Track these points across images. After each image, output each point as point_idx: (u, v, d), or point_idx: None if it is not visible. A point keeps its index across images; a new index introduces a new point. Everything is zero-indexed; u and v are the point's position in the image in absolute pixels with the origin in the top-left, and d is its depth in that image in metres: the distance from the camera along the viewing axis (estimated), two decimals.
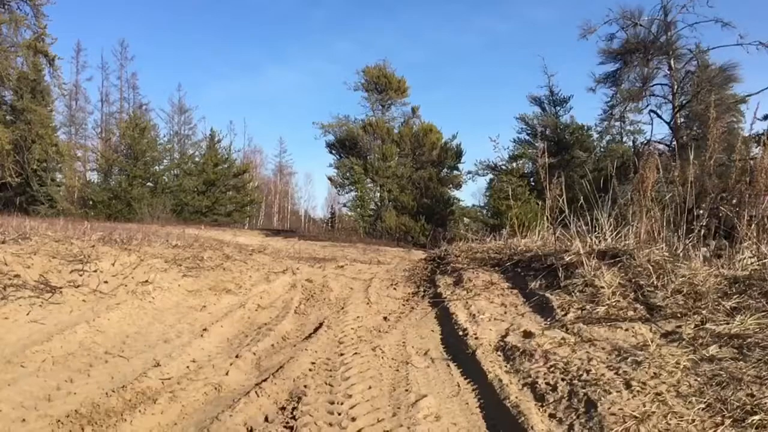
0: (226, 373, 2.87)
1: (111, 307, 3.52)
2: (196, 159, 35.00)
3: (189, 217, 29.34)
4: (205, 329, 3.53)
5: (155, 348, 3.13)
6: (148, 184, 31.49)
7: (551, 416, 2.20)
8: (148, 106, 40.59)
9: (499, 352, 3.04)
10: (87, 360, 2.81)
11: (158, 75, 70.38)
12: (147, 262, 4.47)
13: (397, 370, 2.96)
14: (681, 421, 1.95)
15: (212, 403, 2.55)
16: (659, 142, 20.99)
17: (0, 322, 2.90)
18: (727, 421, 1.90)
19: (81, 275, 3.77)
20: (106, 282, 3.85)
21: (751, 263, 3.77)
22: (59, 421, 2.18)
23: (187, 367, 2.93)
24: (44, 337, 2.88)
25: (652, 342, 2.74)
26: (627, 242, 4.42)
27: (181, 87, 61.13)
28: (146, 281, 4.10)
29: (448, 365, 3.04)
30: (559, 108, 28.52)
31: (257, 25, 76.07)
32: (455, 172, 32.71)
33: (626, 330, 3.00)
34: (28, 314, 3.07)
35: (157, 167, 33.04)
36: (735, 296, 3.09)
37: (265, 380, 2.73)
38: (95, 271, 3.92)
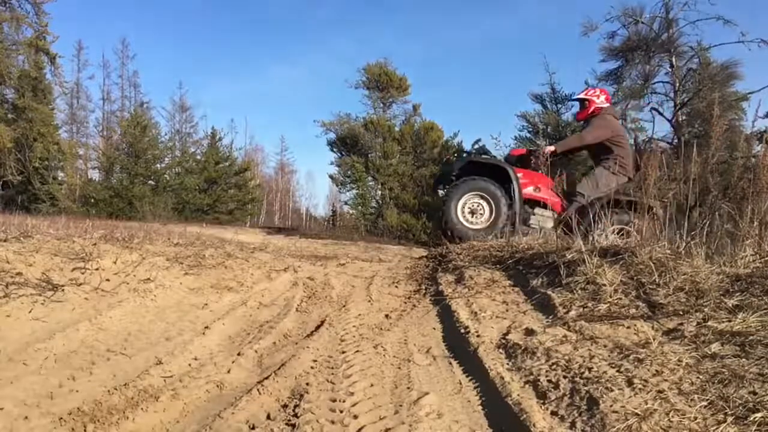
0: (228, 371, 2.87)
1: (113, 305, 3.52)
2: (198, 157, 35.03)
3: (190, 215, 29.37)
4: (206, 327, 3.53)
5: (157, 346, 3.13)
6: (150, 182, 31.51)
7: (553, 414, 2.20)
8: (149, 104, 40.70)
9: (500, 350, 3.04)
10: (89, 358, 2.81)
11: (159, 73, 70.63)
12: (149, 260, 4.46)
13: (399, 368, 2.96)
14: (683, 418, 1.95)
15: (214, 401, 2.55)
16: (661, 140, 20.97)
17: (2, 320, 2.90)
18: (729, 419, 1.90)
19: (83, 273, 3.77)
20: (107, 280, 3.84)
21: (753, 261, 3.77)
22: (62, 418, 2.18)
23: (189, 364, 2.94)
24: (46, 335, 2.89)
25: (654, 339, 2.74)
26: (629, 240, 4.42)
27: (183, 85, 61.21)
28: (148, 279, 4.09)
29: (450, 363, 3.04)
30: (560, 105, 28.44)
31: (258, 24, 76.26)
32: None
33: (628, 327, 3.00)
34: (30, 312, 3.07)
35: (158, 165, 33.08)
36: (737, 294, 3.09)
37: (267, 378, 2.73)
38: (97, 269, 3.91)
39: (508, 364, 2.83)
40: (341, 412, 2.38)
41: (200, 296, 4.22)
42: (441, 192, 7.10)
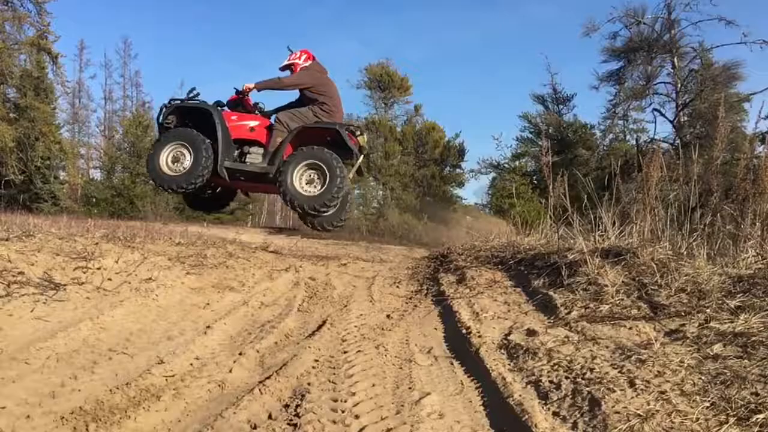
0: (230, 371, 2.87)
1: (115, 304, 3.52)
2: None
3: (192, 214, 29.30)
4: (208, 327, 3.53)
5: (159, 345, 3.13)
6: (151, 182, 31.46)
7: (555, 414, 2.20)
8: (151, 103, 40.66)
9: (502, 350, 3.04)
10: (91, 357, 2.81)
11: (161, 73, 70.59)
12: (150, 260, 4.47)
13: (401, 368, 2.96)
14: (685, 419, 1.94)
15: (216, 401, 2.55)
16: (662, 141, 20.99)
17: (4, 319, 2.90)
18: (732, 420, 1.90)
19: (85, 273, 3.78)
20: (109, 279, 3.85)
21: (755, 262, 3.77)
22: (63, 417, 2.18)
23: (191, 364, 2.94)
24: (48, 334, 2.89)
25: (655, 340, 2.74)
26: (630, 240, 4.41)
27: (184, 84, 60.88)
28: (150, 279, 4.10)
29: (452, 363, 3.04)
30: (562, 106, 28.50)
31: (259, 24, 76.22)
32: (458, 170, 32.77)
33: (630, 328, 3.00)
34: (32, 311, 3.07)
35: None
36: (739, 295, 3.09)
37: (268, 378, 2.73)
38: (99, 268, 3.92)
39: (509, 364, 2.83)
40: (343, 412, 2.38)
41: (202, 296, 4.22)
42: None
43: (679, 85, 20.82)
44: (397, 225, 26.53)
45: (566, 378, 2.48)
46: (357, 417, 2.33)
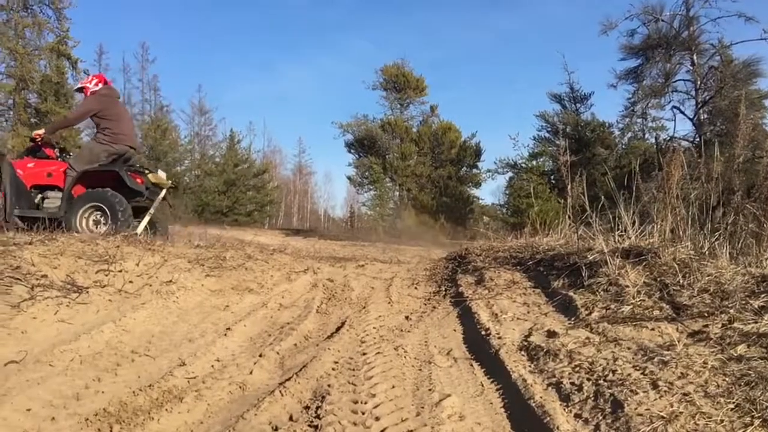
0: (250, 372, 2.89)
1: (136, 306, 3.56)
2: (217, 159, 35.29)
3: (210, 217, 29.59)
4: (228, 328, 3.55)
5: (180, 347, 3.16)
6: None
7: (577, 416, 2.19)
8: (169, 107, 41.01)
9: (522, 352, 3.03)
10: (114, 359, 2.84)
11: (179, 77, 71.36)
12: (171, 262, 4.50)
13: (420, 370, 2.96)
14: (709, 421, 1.92)
15: (237, 402, 2.57)
16: (682, 139, 20.75)
17: (28, 322, 2.94)
18: (757, 422, 1.87)
19: (106, 275, 3.82)
20: (131, 282, 3.89)
21: None
22: (88, 419, 2.21)
23: (212, 366, 2.96)
24: (72, 337, 2.92)
25: (678, 341, 2.71)
26: (651, 240, 4.36)
27: (201, 88, 61.35)
28: (170, 281, 4.13)
29: (471, 365, 3.03)
30: (579, 105, 28.32)
31: (275, 26, 76.81)
32: (474, 170, 32.68)
33: (652, 329, 2.97)
34: (55, 314, 3.11)
35: (178, 168, 33.36)
36: (763, 295, 3.04)
37: (288, 379, 2.74)
38: (120, 271, 3.96)
39: (530, 366, 2.81)
40: (363, 413, 2.38)
41: (221, 298, 4.25)
42: None
43: (699, 83, 20.57)
44: (414, 226, 26.51)
45: (588, 380, 2.46)
46: (377, 419, 2.33)
